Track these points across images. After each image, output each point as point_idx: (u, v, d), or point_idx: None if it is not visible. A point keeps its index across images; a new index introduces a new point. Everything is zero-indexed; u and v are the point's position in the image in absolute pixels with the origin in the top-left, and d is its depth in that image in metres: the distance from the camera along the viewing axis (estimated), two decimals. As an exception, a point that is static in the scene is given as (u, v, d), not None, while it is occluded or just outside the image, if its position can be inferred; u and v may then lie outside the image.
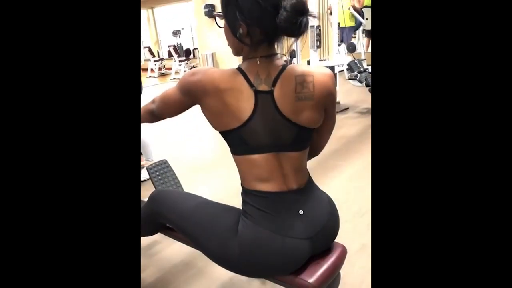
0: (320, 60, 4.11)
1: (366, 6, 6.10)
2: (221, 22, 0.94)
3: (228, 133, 0.91)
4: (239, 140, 0.91)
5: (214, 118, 0.92)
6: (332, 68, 4.35)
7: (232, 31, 0.88)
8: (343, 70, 4.26)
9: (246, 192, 0.95)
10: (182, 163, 2.85)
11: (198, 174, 2.81)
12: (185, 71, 9.09)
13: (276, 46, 0.92)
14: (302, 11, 0.79)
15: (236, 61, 8.41)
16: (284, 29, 0.82)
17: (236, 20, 0.84)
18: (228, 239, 0.94)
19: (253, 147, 0.91)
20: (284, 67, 0.90)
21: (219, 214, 1.01)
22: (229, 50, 0.95)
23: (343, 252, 1.03)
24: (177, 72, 9.19)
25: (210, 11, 7.56)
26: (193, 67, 9.71)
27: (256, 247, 0.90)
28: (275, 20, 0.80)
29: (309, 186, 0.99)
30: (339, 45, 4.04)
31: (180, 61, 9.23)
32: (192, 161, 3.11)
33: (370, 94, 3.86)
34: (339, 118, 4.02)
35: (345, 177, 2.48)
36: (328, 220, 0.97)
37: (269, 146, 0.91)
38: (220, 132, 0.94)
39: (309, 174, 1.01)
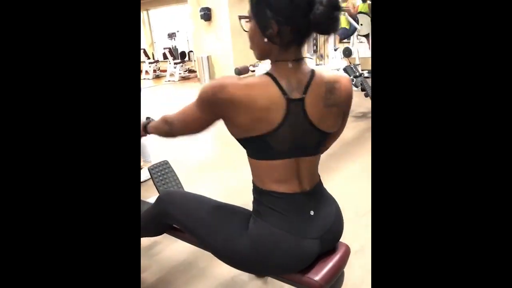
0: (316, 65, 4.16)
1: (360, 12, 6.19)
2: (246, 26, 0.91)
3: (252, 139, 0.88)
4: (264, 146, 0.88)
5: (239, 129, 0.88)
6: (328, 73, 4.41)
7: (262, 30, 0.85)
8: (339, 75, 4.31)
9: (261, 193, 0.95)
10: (182, 164, 2.85)
11: (198, 174, 2.82)
12: (180, 73, 9.08)
13: (303, 50, 0.91)
14: (337, 6, 0.79)
15: (232, 64, 8.29)
16: (318, 25, 0.80)
17: (267, 18, 0.82)
18: (239, 238, 0.95)
19: (277, 153, 0.89)
20: (313, 72, 0.90)
21: (229, 215, 1.03)
22: (224, 53, 0.94)
23: (347, 252, 1.05)
24: (172, 75, 9.18)
25: (206, 14, 7.59)
26: (189, 69, 9.70)
27: (268, 246, 0.91)
28: (307, 17, 0.79)
29: (319, 188, 1.01)
30: (335, 50, 4.09)
31: (175, 63, 9.22)
32: (192, 162, 3.12)
33: (365, 98, 3.91)
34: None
35: (343, 179, 2.51)
36: (335, 221, 0.99)
37: (293, 152, 0.91)
38: (239, 139, 0.91)
39: (319, 175, 1.03)
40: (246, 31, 0.92)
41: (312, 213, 0.95)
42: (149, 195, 1.95)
